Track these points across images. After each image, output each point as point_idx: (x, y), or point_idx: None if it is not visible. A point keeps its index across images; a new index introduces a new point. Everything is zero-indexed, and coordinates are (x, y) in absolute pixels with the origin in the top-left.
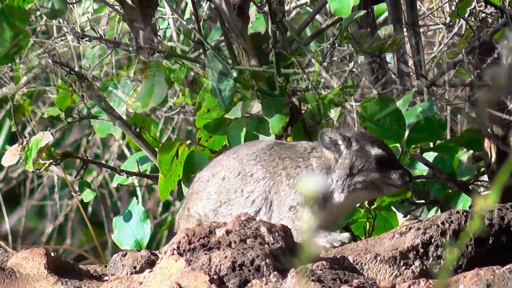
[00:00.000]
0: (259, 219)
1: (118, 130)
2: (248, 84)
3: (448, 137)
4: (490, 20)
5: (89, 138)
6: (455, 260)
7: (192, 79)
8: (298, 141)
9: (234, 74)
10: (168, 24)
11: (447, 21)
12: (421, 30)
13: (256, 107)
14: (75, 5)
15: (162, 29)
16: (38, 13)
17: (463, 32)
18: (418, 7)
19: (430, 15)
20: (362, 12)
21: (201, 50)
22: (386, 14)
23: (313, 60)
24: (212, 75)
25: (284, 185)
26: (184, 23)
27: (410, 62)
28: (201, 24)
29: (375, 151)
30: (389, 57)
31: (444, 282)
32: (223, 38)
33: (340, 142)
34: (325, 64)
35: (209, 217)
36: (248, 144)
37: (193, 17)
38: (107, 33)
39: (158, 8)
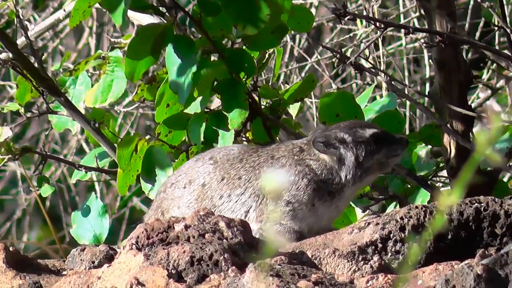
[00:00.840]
0: (248, 216)
1: (75, 126)
2: (209, 79)
3: (407, 132)
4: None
5: (47, 133)
6: (417, 255)
7: (151, 76)
8: (267, 142)
9: (194, 68)
10: None
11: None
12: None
13: (215, 102)
14: None
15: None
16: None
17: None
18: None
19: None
20: None
21: None
22: None
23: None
24: (171, 70)
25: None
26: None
27: (370, 57)
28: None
29: (368, 132)
30: (349, 52)
31: (404, 277)
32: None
33: (332, 141)
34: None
35: None
36: (222, 149)
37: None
38: None
39: None
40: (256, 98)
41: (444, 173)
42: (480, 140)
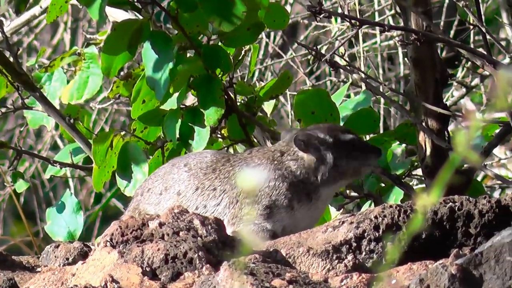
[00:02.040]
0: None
1: (50, 121)
2: (185, 75)
3: (381, 130)
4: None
5: (22, 128)
6: (394, 255)
7: (127, 72)
8: (249, 149)
9: (171, 64)
10: None
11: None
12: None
13: (191, 99)
14: None
15: None
16: None
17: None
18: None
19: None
20: None
21: None
22: None
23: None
24: (148, 66)
25: (264, 187)
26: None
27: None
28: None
29: (348, 137)
30: (324, 49)
31: (379, 277)
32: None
33: (313, 141)
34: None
35: None
36: (196, 155)
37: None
38: None
39: None
40: (232, 95)
41: (419, 171)
42: (458, 139)
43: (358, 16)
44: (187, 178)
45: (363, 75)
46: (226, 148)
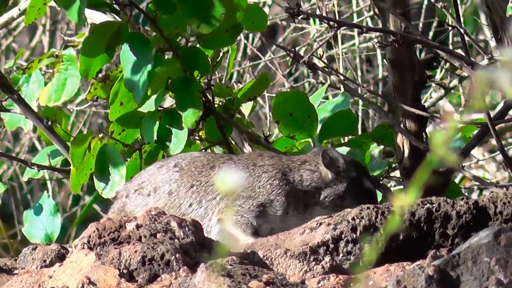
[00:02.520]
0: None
1: (28, 124)
2: (163, 77)
3: (359, 132)
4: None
5: (0, 131)
6: (372, 257)
7: (105, 74)
8: (259, 151)
9: (150, 67)
10: None
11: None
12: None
13: (169, 101)
14: None
15: None
16: None
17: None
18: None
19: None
20: None
21: None
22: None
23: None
24: (127, 68)
25: (264, 182)
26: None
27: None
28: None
29: (367, 184)
30: (302, 51)
31: (356, 278)
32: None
33: (339, 164)
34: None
35: None
36: (186, 156)
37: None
38: None
39: None
40: (210, 97)
41: (397, 173)
42: (436, 140)
43: (336, 18)
44: (179, 177)
45: (341, 77)
46: (204, 150)
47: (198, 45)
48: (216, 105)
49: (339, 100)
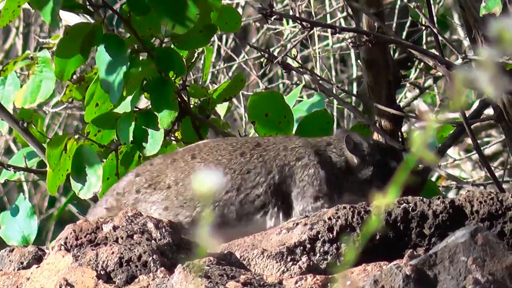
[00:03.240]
0: (267, 216)
1: (4, 126)
2: (138, 78)
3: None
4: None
5: None
6: (350, 256)
7: (80, 76)
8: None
9: (125, 68)
10: None
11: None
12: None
13: (144, 102)
14: None
15: None
16: None
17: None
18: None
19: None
20: None
21: None
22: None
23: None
24: (102, 69)
25: (303, 175)
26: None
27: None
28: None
29: (393, 165)
30: (276, 51)
31: (333, 278)
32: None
33: (363, 148)
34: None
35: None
36: (201, 147)
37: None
38: None
39: None
40: (185, 98)
41: None
42: (415, 140)
43: (310, 18)
44: (204, 167)
45: (316, 77)
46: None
47: (172, 46)
48: (191, 106)
49: (315, 100)
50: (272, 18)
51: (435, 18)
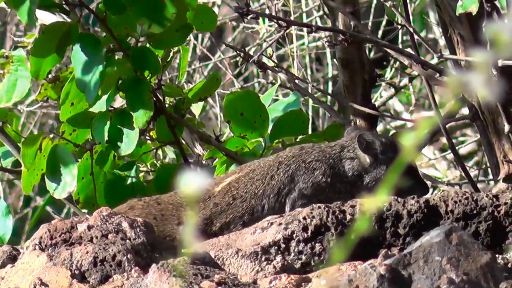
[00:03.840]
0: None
1: None
2: (114, 77)
3: (310, 131)
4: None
5: None
6: (341, 257)
7: (55, 75)
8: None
9: (101, 67)
10: None
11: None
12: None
13: (119, 101)
14: None
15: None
16: None
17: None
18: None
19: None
20: None
21: None
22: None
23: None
24: (78, 68)
25: (321, 181)
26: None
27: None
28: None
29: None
30: (252, 51)
31: (307, 278)
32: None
33: (375, 147)
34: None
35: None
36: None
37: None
38: None
39: None
40: (160, 97)
41: None
42: (406, 141)
43: (286, 17)
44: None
45: (291, 76)
46: (155, 150)
47: (148, 45)
48: (166, 105)
49: (291, 99)
50: (249, 17)
51: (411, 17)
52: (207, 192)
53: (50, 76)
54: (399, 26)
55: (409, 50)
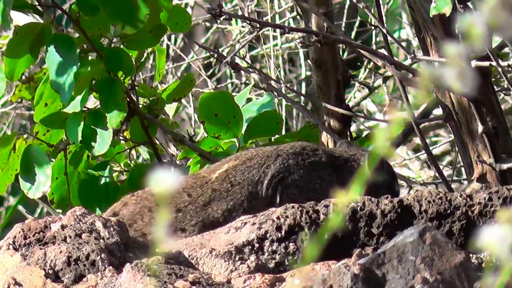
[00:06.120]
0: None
1: None
2: (87, 78)
3: (284, 131)
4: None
5: None
6: (314, 255)
7: (29, 76)
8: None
9: (76, 68)
10: None
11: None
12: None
13: (93, 101)
14: None
15: None
16: None
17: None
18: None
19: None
20: None
21: None
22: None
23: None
24: (52, 69)
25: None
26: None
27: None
28: None
29: (397, 188)
30: (225, 51)
31: (281, 277)
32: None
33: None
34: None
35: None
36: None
37: None
38: None
39: None
40: (134, 98)
41: None
42: (378, 137)
43: (259, 18)
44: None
45: (264, 77)
46: (128, 151)
47: (121, 46)
48: (140, 106)
49: (264, 100)
50: (221, 18)
51: (384, 18)
52: (203, 179)
53: (23, 77)
54: (372, 27)
55: (382, 51)
